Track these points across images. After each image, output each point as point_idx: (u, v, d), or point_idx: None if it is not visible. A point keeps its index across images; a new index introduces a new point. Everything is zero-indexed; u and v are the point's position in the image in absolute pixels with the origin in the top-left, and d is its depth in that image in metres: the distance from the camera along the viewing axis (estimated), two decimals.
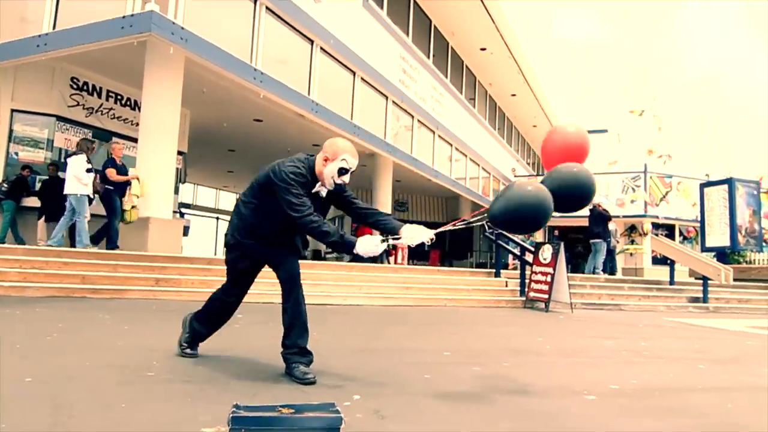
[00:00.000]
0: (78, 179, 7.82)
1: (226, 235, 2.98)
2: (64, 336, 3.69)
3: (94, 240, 8.43)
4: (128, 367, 2.80)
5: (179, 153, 10.60)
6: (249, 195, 2.91)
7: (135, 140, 9.77)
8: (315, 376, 2.69)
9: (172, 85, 8.77)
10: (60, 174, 9.23)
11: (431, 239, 2.74)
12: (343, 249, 2.64)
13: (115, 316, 4.94)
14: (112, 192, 8.32)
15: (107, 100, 10.78)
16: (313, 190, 2.79)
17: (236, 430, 1.59)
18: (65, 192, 7.94)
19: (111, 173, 8.30)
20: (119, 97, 10.99)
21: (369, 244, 2.60)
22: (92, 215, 8.25)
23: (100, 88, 10.66)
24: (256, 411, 1.65)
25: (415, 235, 2.73)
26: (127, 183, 8.33)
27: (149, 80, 8.66)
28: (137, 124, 10.07)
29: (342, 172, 2.76)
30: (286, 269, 2.82)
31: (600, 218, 12.21)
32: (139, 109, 9.78)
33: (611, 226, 12.83)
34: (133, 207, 8.27)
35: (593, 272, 12.13)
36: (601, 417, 2.40)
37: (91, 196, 8.07)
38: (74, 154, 8.07)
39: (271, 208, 2.80)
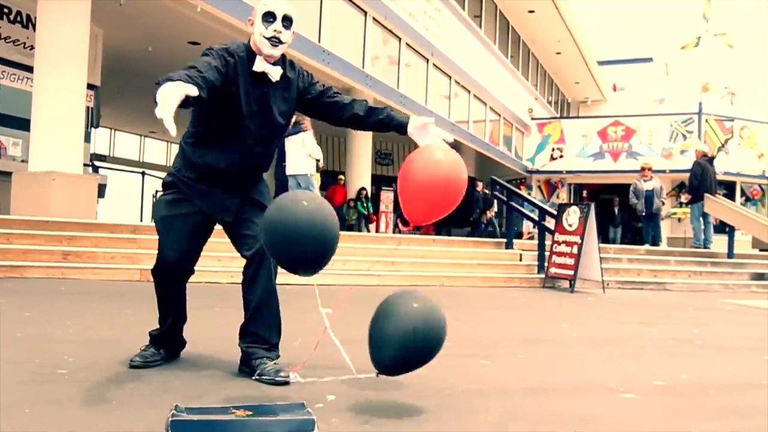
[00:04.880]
0: (312, 158, 9.42)
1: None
2: None
3: None
4: (32, 363, 2.80)
5: (89, 87, 10.36)
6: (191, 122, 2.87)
7: (29, 69, 9.52)
8: (289, 375, 2.70)
9: None
10: None
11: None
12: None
13: (12, 300, 4.91)
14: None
15: None
16: (255, 68, 2.71)
17: None
18: (296, 172, 9.39)
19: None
20: (6, 10, 10.65)
21: (172, 88, 2.30)
22: None
23: None
24: (203, 413, 1.66)
25: (426, 136, 2.88)
26: None
27: None
28: (32, 48, 9.79)
29: (267, 17, 2.67)
30: (254, 228, 2.77)
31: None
32: (34, 27, 9.50)
33: (656, 183, 12.99)
34: None
35: (706, 245, 12.39)
36: (644, 419, 2.46)
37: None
38: (299, 131, 9.19)
39: (212, 111, 2.70)
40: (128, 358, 2.87)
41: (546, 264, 9.41)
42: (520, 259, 10.20)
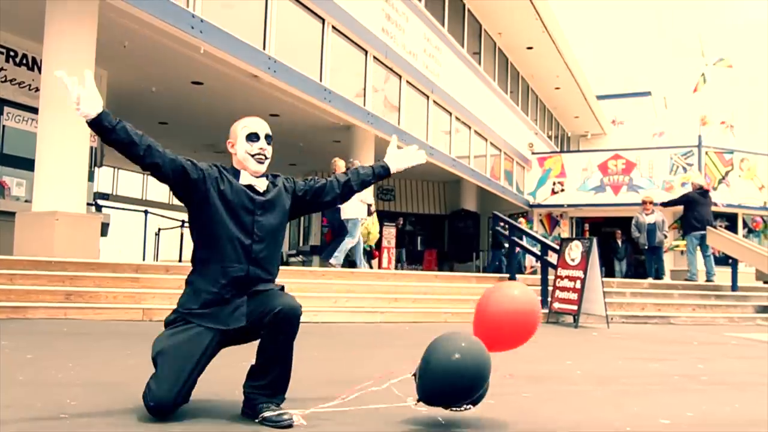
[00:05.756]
0: (364, 203, 10.26)
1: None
2: None
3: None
4: (34, 408, 2.78)
5: None
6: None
7: (34, 110, 9.62)
8: (292, 417, 2.68)
9: (83, 37, 8.63)
10: None
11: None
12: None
13: (14, 341, 4.90)
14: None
15: None
16: (242, 181, 2.91)
17: None
18: (347, 216, 10.16)
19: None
20: (12, 53, 10.80)
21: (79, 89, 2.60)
22: None
23: None
24: None
25: (403, 158, 3.23)
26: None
27: (52, 31, 8.51)
28: (37, 90, 9.90)
29: (251, 138, 2.93)
30: (284, 302, 2.72)
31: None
32: (40, 69, 9.62)
33: (658, 216, 13.01)
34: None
35: (709, 278, 12.44)
36: None
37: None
38: None
39: (199, 219, 2.90)
40: (131, 402, 2.85)
41: (549, 299, 9.38)
42: None
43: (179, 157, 2.83)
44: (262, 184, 2.93)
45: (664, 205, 13.21)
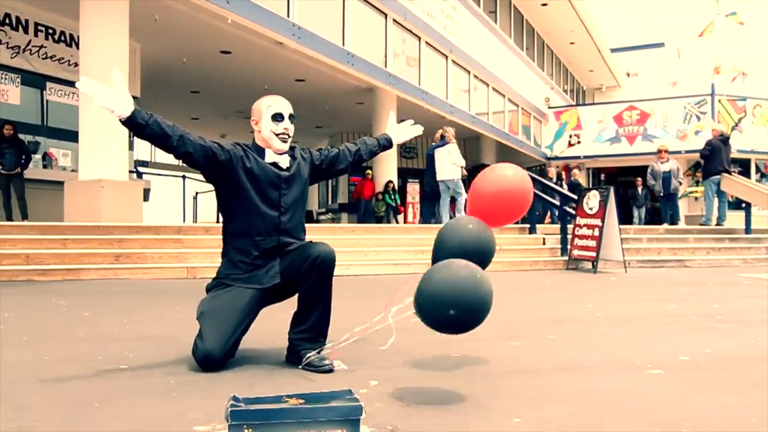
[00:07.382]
0: (457, 165, 10.45)
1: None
2: (13, 327, 3.76)
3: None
4: (95, 361, 2.87)
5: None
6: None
7: (74, 85, 9.71)
8: (332, 363, 2.75)
9: (116, 12, 8.64)
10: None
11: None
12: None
13: (71, 301, 5.03)
14: None
15: (36, 35, 10.64)
16: (267, 159, 2.91)
17: (237, 427, 1.64)
18: (442, 178, 10.32)
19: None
20: (51, 31, 10.84)
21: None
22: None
23: (26, 21, 10.52)
24: (259, 403, 1.69)
25: (403, 131, 3.39)
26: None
27: (87, 8, 8.53)
28: (76, 65, 9.98)
29: (276, 118, 2.90)
30: (318, 249, 2.78)
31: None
32: (78, 45, 9.66)
33: (672, 164, 12.82)
34: None
35: (720, 223, 12.29)
36: (671, 394, 2.46)
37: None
38: (445, 143, 10.34)
39: (228, 197, 2.92)
40: (182, 353, 2.93)
41: (569, 247, 9.36)
42: (544, 243, 10.15)
43: (207, 140, 2.83)
44: (285, 161, 2.95)
45: (702, 156, 12.85)
